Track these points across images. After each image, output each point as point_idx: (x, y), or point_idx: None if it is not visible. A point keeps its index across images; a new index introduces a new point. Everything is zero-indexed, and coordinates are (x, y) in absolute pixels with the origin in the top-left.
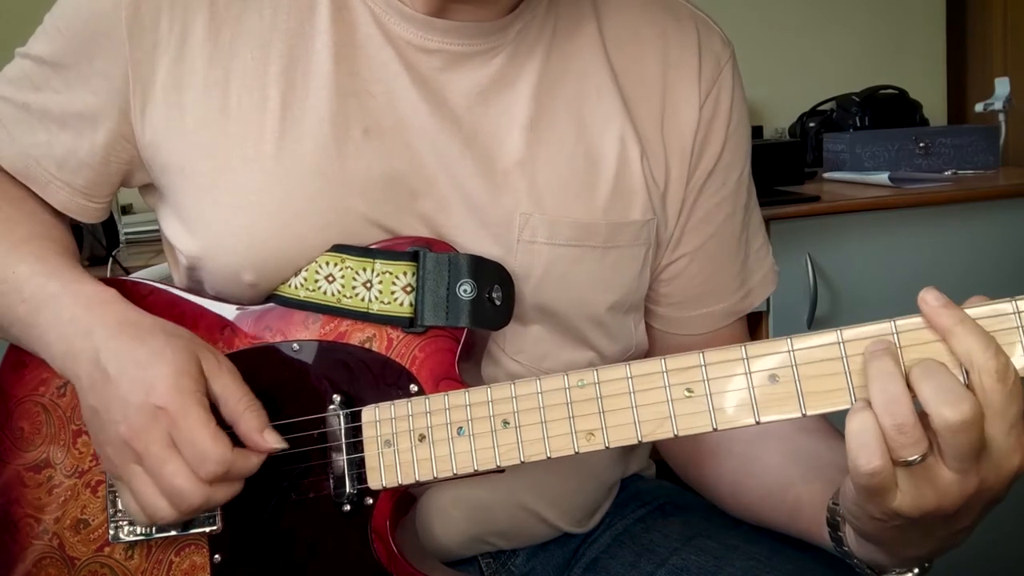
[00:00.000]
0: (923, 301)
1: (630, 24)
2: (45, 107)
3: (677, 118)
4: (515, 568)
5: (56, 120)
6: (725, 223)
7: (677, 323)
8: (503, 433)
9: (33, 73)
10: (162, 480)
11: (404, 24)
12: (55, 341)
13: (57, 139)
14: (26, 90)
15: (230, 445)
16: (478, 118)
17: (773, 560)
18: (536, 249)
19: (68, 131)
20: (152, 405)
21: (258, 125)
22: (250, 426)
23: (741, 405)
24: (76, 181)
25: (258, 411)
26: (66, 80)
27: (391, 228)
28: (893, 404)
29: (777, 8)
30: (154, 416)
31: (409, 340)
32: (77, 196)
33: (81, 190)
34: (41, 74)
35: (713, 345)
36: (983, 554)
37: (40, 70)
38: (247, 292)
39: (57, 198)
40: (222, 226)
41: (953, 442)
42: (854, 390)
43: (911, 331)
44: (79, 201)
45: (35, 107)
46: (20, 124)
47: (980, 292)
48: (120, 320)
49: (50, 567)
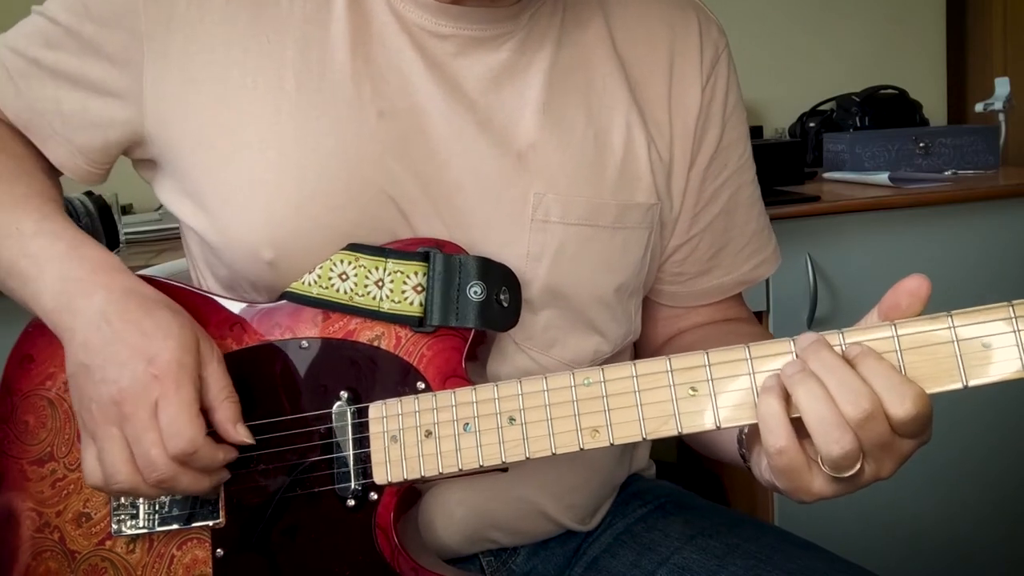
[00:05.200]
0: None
1: (637, 14)
2: (56, 65)
3: (683, 102)
4: (516, 567)
5: (67, 78)
6: (732, 199)
7: (686, 297)
8: (509, 430)
9: (48, 31)
10: (139, 446)
11: (418, 11)
12: (53, 296)
13: (66, 96)
14: (39, 46)
15: (204, 431)
16: (492, 102)
17: (774, 559)
18: (550, 228)
19: (78, 91)
20: (150, 374)
21: (274, 106)
22: (226, 415)
23: (744, 404)
24: (78, 139)
25: (236, 404)
26: (80, 46)
27: (406, 210)
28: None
29: (777, 8)
30: (148, 385)
31: (417, 339)
32: (76, 155)
33: (80, 149)
34: (56, 34)
35: (718, 316)
36: (984, 554)
37: (56, 30)
38: (265, 271)
39: (56, 153)
40: (238, 204)
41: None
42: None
43: (912, 334)
44: (77, 160)
45: (46, 63)
46: (29, 78)
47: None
48: (127, 288)
49: (50, 560)
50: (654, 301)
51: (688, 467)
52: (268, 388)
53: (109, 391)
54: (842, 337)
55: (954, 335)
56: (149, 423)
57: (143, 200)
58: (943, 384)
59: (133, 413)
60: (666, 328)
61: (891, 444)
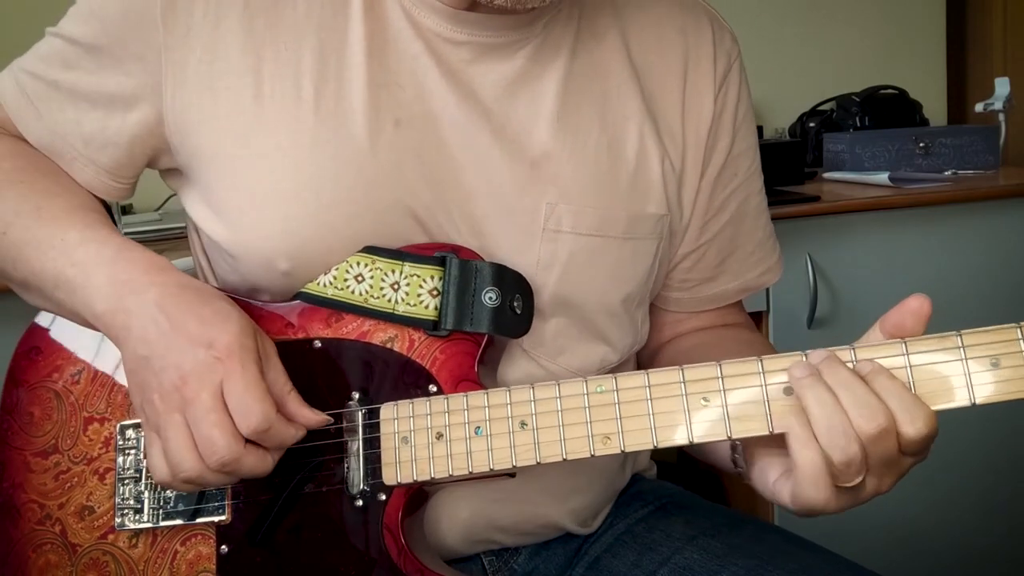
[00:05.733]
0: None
1: (652, 23)
2: (75, 86)
3: (696, 111)
4: (517, 567)
5: (86, 98)
6: (741, 208)
7: (689, 303)
8: (520, 434)
9: (65, 52)
10: (201, 428)
11: (434, 17)
12: (104, 298)
13: (86, 117)
14: (56, 68)
15: (274, 407)
16: (506, 110)
17: (776, 559)
18: (561, 238)
19: (98, 110)
20: (212, 357)
21: (292, 115)
22: (297, 403)
23: (755, 415)
24: (102, 159)
25: (299, 395)
26: (99, 62)
27: (422, 218)
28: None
29: (777, 8)
30: (212, 367)
31: (430, 342)
32: (102, 174)
33: (106, 168)
34: (73, 53)
35: (717, 321)
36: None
37: (72, 49)
38: (280, 280)
39: (82, 175)
40: (255, 214)
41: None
42: None
43: (922, 352)
44: (104, 179)
45: (64, 85)
46: (49, 101)
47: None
48: (182, 283)
49: (50, 553)
50: (657, 307)
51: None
52: None
53: (171, 378)
54: (853, 353)
55: (963, 354)
56: (213, 404)
57: (143, 200)
58: (952, 401)
59: (196, 396)
60: (664, 333)
61: (896, 461)
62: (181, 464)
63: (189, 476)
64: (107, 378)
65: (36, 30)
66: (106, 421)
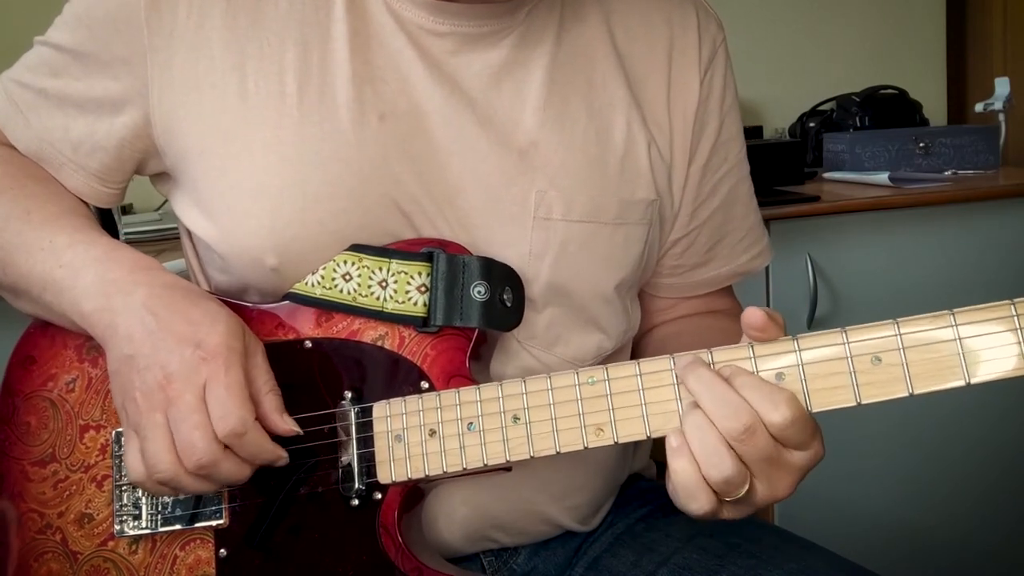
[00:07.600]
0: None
1: (636, 10)
2: (63, 92)
3: (682, 97)
4: (517, 566)
5: (74, 104)
6: (731, 192)
7: (680, 288)
8: (513, 428)
9: (52, 59)
10: (182, 429)
11: (415, 10)
12: (91, 298)
13: (74, 123)
14: (44, 76)
15: (253, 413)
16: (492, 100)
17: (775, 558)
18: (552, 226)
19: (86, 115)
20: (198, 357)
21: (276, 111)
22: (271, 406)
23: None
24: (91, 164)
25: (280, 395)
26: (86, 67)
27: (409, 211)
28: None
29: (777, 8)
30: (197, 367)
31: (421, 339)
32: (91, 180)
33: (95, 173)
34: (60, 61)
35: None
36: (984, 554)
37: (60, 57)
38: (269, 277)
39: (71, 181)
40: (242, 210)
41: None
42: (858, 388)
43: (915, 332)
44: (93, 185)
45: (52, 92)
46: (37, 109)
47: (980, 292)
48: (169, 283)
49: (52, 561)
50: (647, 293)
51: None
52: None
53: (155, 377)
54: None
55: (957, 333)
56: (195, 405)
57: (143, 200)
58: (947, 381)
59: (179, 396)
60: (651, 319)
61: (778, 458)
62: (158, 464)
63: (164, 477)
64: (101, 385)
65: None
66: (102, 428)
